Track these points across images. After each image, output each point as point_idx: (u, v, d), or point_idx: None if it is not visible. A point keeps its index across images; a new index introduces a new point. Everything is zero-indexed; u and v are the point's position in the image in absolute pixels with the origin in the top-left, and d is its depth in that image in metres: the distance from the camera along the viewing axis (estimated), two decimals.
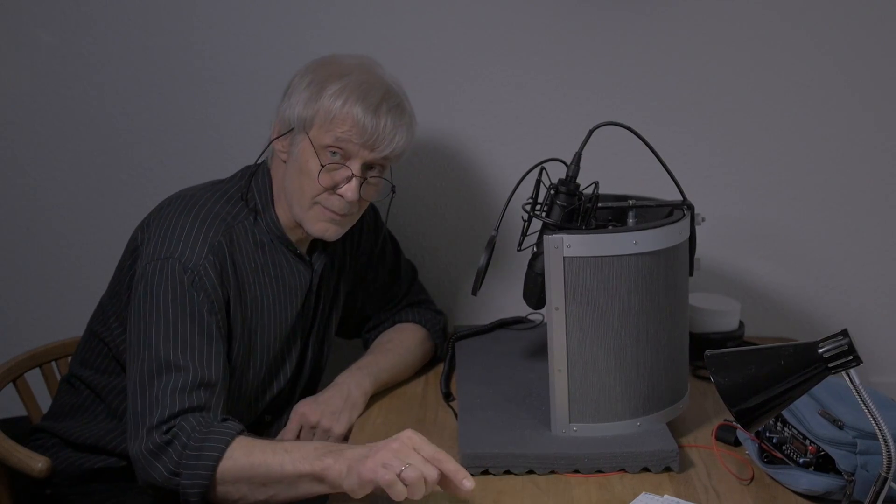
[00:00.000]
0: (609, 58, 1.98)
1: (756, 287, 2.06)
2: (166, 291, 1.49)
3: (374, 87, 1.57)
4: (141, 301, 1.50)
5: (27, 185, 2.10)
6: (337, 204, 1.58)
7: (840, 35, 1.95)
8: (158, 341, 1.46)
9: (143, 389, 1.45)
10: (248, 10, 1.99)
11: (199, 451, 1.37)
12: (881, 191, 2.01)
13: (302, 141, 1.57)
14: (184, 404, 1.42)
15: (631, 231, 1.46)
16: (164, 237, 1.53)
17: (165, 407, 1.42)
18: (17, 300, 2.17)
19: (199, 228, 1.54)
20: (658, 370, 1.50)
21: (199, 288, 1.49)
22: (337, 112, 1.54)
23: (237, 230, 1.59)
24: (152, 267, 1.51)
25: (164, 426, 1.41)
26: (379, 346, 1.82)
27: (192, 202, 1.58)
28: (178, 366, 1.45)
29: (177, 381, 1.44)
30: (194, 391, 1.44)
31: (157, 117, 2.05)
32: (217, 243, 1.54)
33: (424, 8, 1.97)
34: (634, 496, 1.38)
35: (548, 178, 1.56)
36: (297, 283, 1.67)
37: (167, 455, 1.39)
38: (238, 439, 1.39)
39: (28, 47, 2.03)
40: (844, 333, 1.16)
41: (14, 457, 1.56)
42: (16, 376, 1.76)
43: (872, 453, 1.31)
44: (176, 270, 1.49)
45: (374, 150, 1.57)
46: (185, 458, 1.38)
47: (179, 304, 1.48)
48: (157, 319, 1.48)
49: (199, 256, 1.51)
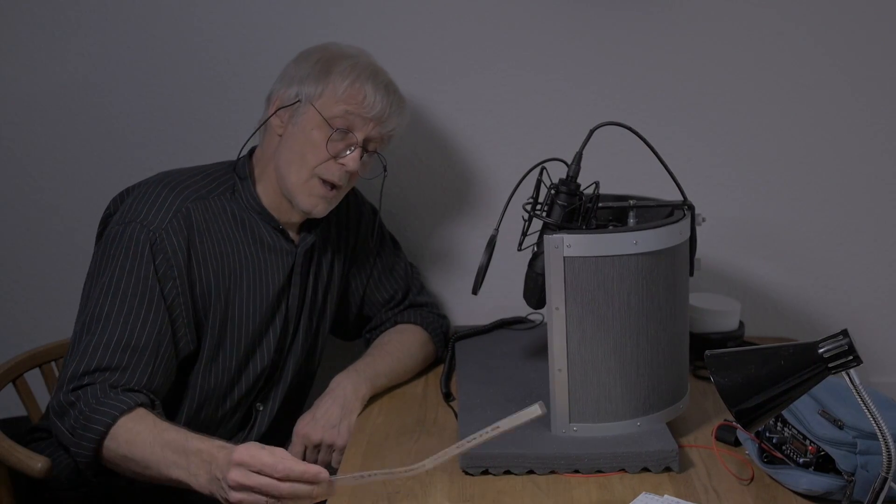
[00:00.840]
0: (610, 58, 1.98)
1: (756, 287, 2.06)
2: (119, 252, 1.52)
3: (380, 71, 1.67)
4: (97, 259, 1.55)
5: (27, 185, 2.10)
6: (336, 173, 1.62)
7: (840, 35, 1.95)
8: (99, 297, 1.49)
9: (75, 343, 1.48)
10: (248, 10, 1.99)
11: (87, 420, 1.39)
12: (881, 191, 2.01)
13: (307, 112, 1.61)
14: (101, 362, 1.44)
15: (631, 231, 1.46)
16: (133, 204, 1.57)
17: (83, 361, 1.44)
18: (17, 300, 2.17)
19: (168, 195, 1.58)
20: (658, 370, 1.50)
21: (158, 251, 1.52)
22: (349, 86, 1.60)
23: (213, 202, 1.62)
24: (116, 230, 1.55)
25: (74, 383, 1.42)
26: (378, 347, 1.81)
27: (170, 177, 1.63)
28: (108, 322, 1.47)
29: (101, 336, 1.46)
30: (118, 352, 1.45)
31: (157, 117, 2.05)
32: (185, 209, 1.57)
33: (424, 8, 1.97)
34: (634, 496, 1.38)
35: (548, 177, 1.56)
36: (280, 258, 1.69)
37: (67, 417, 1.41)
38: (130, 413, 1.39)
39: (28, 47, 2.03)
40: (844, 333, 1.16)
41: (14, 457, 1.55)
42: (16, 376, 1.76)
43: (872, 453, 1.31)
44: (136, 232, 1.53)
45: (380, 123, 1.63)
46: (77, 426, 1.39)
47: (129, 265, 1.51)
48: (105, 276, 1.51)
49: (163, 220, 1.54)
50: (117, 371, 1.45)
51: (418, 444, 1.56)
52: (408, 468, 1.34)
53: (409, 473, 1.34)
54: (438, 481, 1.43)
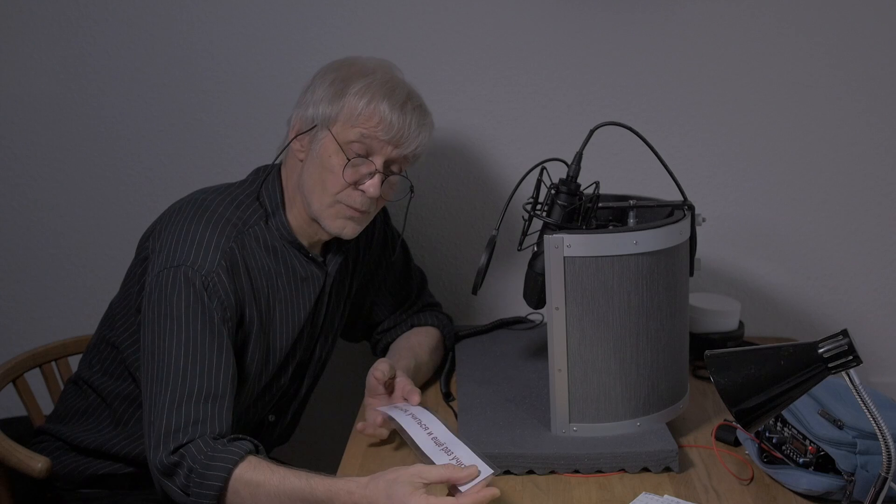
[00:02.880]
0: (610, 58, 1.98)
1: (756, 287, 2.06)
2: (179, 299, 1.47)
3: (399, 86, 1.59)
4: (154, 309, 1.48)
5: (27, 186, 2.10)
6: (358, 200, 1.57)
7: (840, 36, 1.94)
8: (171, 349, 1.44)
9: (155, 398, 1.43)
10: (247, 10, 1.99)
11: (202, 478, 1.36)
12: (881, 191, 2.01)
13: (324, 137, 1.56)
14: (191, 416, 1.41)
15: (631, 231, 1.46)
16: (176, 245, 1.51)
17: (171, 417, 1.40)
18: (17, 300, 2.17)
19: (211, 235, 1.52)
20: (658, 370, 1.50)
21: (212, 294, 1.48)
22: (363, 108, 1.54)
23: (248, 235, 1.57)
24: (165, 275, 1.49)
25: (173, 443, 1.39)
26: (409, 349, 1.78)
27: (203, 208, 1.57)
28: (187, 375, 1.43)
29: (182, 389, 1.42)
30: (202, 403, 1.42)
31: (157, 117, 2.05)
32: (229, 249, 1.52)
33: (424, 8, 1.97)
34: (634, 496, 1.38)
35: (548, 177, 1.56)
36: (310, 285, 1.66)
37: (177, 476, 1.38)
38: (243, 464, 1.37)
39: (28, 47, 2.03)
40: (844, 333, 1.16)
41: (14, 457, 1.55)
42: (16, 376, 1.76)
43: (872, 453, 1.31)
44: (189, 277, 1.47)
45: (398, 146, 1.57)
46: (192, 483, 1.36)
47: (192, 311, 1.46)
48: (170, 327, 1.46)
49: (212, 263, 1.49)
50: (207, 422, 1.41)
51: None
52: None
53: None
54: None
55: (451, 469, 1.30)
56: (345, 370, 2.07)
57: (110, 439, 1.64)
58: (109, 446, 1.63)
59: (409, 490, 1.25)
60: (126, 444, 1.63)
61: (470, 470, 1.30)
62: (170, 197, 2.06)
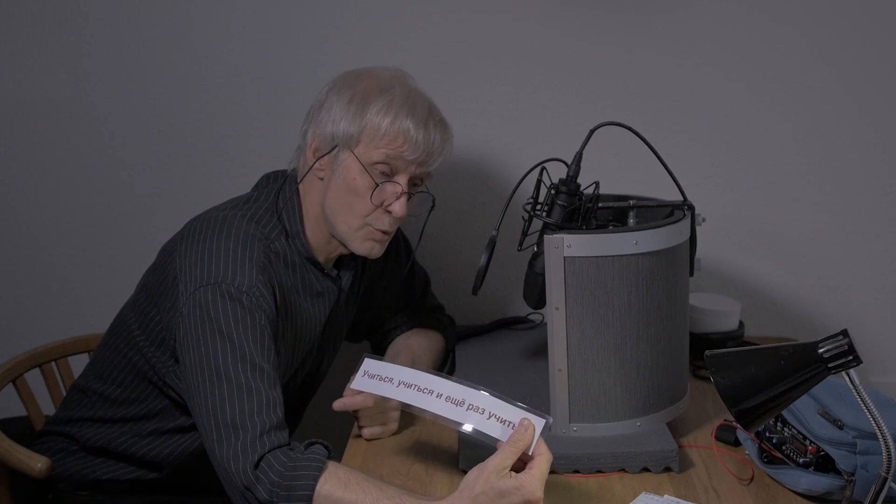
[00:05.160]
0: (610, 58, 1.98)
1: (756, 287, 2.06)
2: (226, 314, 1.42)
3: (419, 101, 1.56)
4: (199, 327, 1.42)
5: (27, 186, 2.10)
6: (387, 222, 1.56)
7: (839, 36, 1.95)
8: (227, 365, 1.40)
9: (220, 416, 1.37)
10: (247, 11, 1.99)
11: (289, 489, 1.31)
12: (881, 191, 2.01)
13: (346, 158, 1.53)
14: (265, 425, 1.36)
15: (631, 231, 1.46)
16: (209, 262, 1.47)
17: (247, 431, 1.35)
18: (17, 300, 2.17)
19: (243, 250, 1.49)
20: (658, 370, 1.50)
21: (258, 309, 1.44)
22: (387, 128, 1.51)
23: (272, 250, 1.54)
24: (204, 292, 1.44)
25: (252, 455, 1.34)
26: (407, 349, 1.77)
27: (224, 224, 1.52)
28: (250, 388, 1.38)
29: (251, 403, 1.37)
30: (267, 412, 1.38)
31: (156, 118, 2.05)
32: (262, 264, 1.49)
33: (424, 8, 1.97)
34: (634, 496, 1.38)
35: (548, 177, 1.56)
36: (325, 300, 1.65)
37: (258, 492, 1.32)
38: (327, 471, 1.32)
39: (28, 47, 2.03)
40: (844, 333, 1.16)
41: (14, 457, 1.55)
42: (16, 376, 1.76)
43: (872, 453, 1.31)
44: (232, 293, 1.43)
45: (423, 164, 1.55)
46: (278, 497, 1.31)
47: (241, 325, 1.42)
48: (221, 343, 1.41)
49: (252, 278, 1.46)
50: (272, 430, 1.37)
51: (417, 445, 1.56)
52: None
53: None
54: (438, 481, 1.43)
55: (515, 444, 1.26)
56: (345, 371, 2.06)
57: (118, 437, 1.62)
58: (116, 444, 1.62)
59: (497, 489, 1.23)
60: (134, 443, 1.62)
61: (528, 430, 1.27)
62: (170, 197, 2.08)
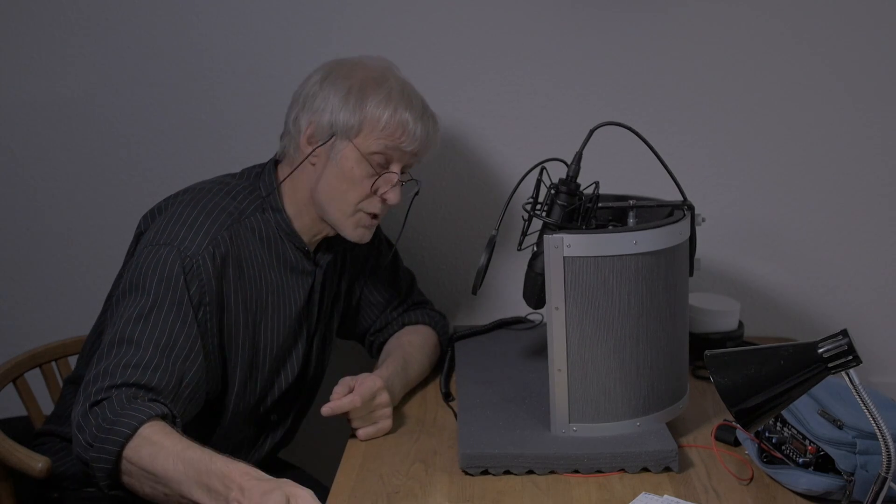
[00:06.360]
0: (610, 58, 1.98)
1: (756, 287, 2.06)
2: (154, 275, 1.48)
3: (412, 93, 1.63)
4: (129, 279, 1.50)
5: (27, 185, 2.10)
6: (379, 207, 1.61)
7: (839, 36, 1.94)
8: (131, 317, 1.45)
9: (100, 358, 1.43)
10: (247, 9, 1.99)
11: (110, 426, 1.31)
12: (880, 191, 2.01)
13: (345, 147, 1.58)
14: (129, 379, 1.38)
15: (631, 231, 1.46)
16: (167, 225, 1.54)
17: (106, 377, 1.38)
18: (17, 300, 2.17)
19: (204, 220, 1.54)
20: (658, 370, 1.50)
21: (193, 277, 1.49)
22: (388, 120, 1.57)
23: (244, 226, 1.59)
24: (149, 251, 1.51)
25: (93, 398, 1.36)
26: (399, 348, 1.78)
27: (200, 195, 1.59)
28: (139, 344, 1.42)
29: (132, 357, 1.41)
30: (147, 371, 1.40)
31: (156, 117, 2.05)
32: (220, 237, 1.54)
33: (424, 8, 1.97)
34: (634, 496, 1.38)
35: (548, 177, 1.56)
36: (302, 279, 1.67)
37: (88, 425, 1.34)
38: (151, 424, 1.32)
39: (28, 47, 2.03)
40: (844, 333, 1.16)
41: (14, 457, 1.55)
42: (16, 376, 1.76)
43: (872, 453, 1.31)
44: (171, 257, 1.49)
45: (417, 154, 1.63)
46: (99, 433, 1.32)
47: (163, 289, 1.47)
48: (137, 298, 1.47)
49: (199, 246, 1.51)
50: (142, 388, 1.39)
51: (418, 445, 1.56)
52: None
53: None
54: (438, 481, 1.43)
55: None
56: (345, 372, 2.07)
57: None
58: None
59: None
60: None
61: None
62: None
